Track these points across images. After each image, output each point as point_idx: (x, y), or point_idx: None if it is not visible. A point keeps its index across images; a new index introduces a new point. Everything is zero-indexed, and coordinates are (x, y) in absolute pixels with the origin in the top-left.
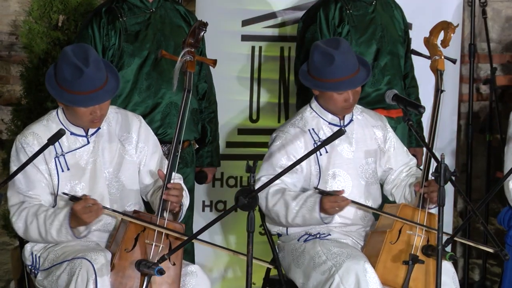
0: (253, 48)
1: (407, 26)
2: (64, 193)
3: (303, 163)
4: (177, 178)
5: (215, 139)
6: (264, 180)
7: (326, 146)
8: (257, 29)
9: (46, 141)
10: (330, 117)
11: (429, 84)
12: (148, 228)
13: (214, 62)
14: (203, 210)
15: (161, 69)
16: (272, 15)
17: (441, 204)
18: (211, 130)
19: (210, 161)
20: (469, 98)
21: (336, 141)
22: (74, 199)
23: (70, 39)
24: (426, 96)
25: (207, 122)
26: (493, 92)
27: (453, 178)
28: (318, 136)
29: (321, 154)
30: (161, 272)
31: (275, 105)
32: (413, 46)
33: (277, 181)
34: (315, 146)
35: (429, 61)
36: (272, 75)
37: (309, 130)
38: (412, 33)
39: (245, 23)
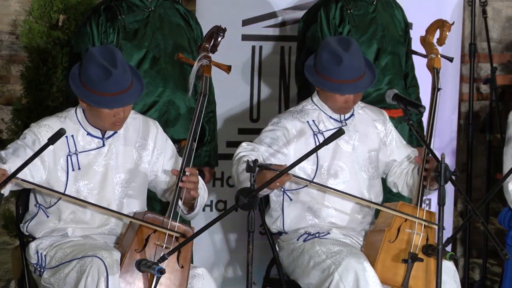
0: (253, 48)
1: (408, 26)
2: None
3: (291, 152)
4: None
5: (214, 138)
6: (244, 145)
7: (324, 138)
8: (257, 29)
9: (47, 141)
10: (331, 111)
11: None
12: (159, 230)
13: (229, 68)
14: (203, 210)
15: (159, 67)
16: (273, 15)
17: (441, 204)
18: (209, 129)
19: (208, 161)
20: (469, 97)
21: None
22: None
23: (70, 39)
24: (426, 96)
25: (205, 122)
26: (493, 92)
27: (453, 177)
28: (318, 128)
29: None
30: (161, 271)
31: (275, 104)
32: (413, 45)
33: (250, 147)
34: (315, 137)
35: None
36: (272, 75)
37: (308, 121)
38: (412, 33)
39: (245, 22)
